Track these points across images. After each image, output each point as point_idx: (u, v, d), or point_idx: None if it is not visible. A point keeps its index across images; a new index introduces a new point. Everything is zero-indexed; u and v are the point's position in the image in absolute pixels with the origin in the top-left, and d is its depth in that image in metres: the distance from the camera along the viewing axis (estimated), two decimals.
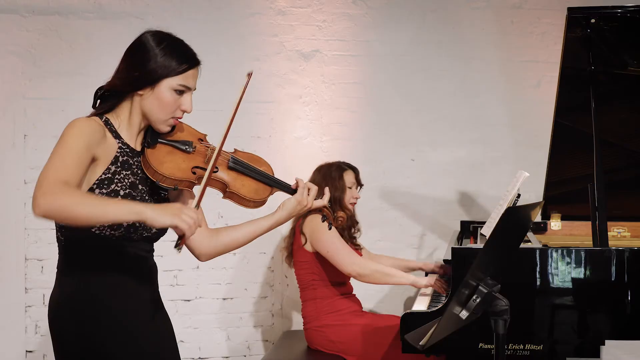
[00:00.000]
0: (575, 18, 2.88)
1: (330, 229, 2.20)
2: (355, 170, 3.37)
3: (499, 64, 4.26)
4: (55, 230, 1.91)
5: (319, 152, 4.10)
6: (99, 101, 1.96)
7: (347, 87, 4.17)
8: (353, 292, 3.36)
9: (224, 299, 4.02)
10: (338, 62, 4.16)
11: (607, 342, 2.64)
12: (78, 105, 3.83)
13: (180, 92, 1.88)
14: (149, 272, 1.99)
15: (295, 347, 3.31)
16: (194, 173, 1.91)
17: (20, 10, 3.79)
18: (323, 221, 2.17)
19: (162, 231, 1.93)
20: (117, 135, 1.88)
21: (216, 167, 1.94)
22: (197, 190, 1.88)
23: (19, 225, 3.78)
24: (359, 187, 3.38)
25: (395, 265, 3.48)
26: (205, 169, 1.90)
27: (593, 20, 2.87)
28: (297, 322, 4.05)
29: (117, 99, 1.92)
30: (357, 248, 3.37)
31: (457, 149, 4.25)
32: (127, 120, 1.91)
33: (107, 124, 1.89)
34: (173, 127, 1.95)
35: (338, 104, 4.16)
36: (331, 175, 3.26)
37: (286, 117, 4.11)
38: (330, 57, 4.15)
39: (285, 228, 3.40)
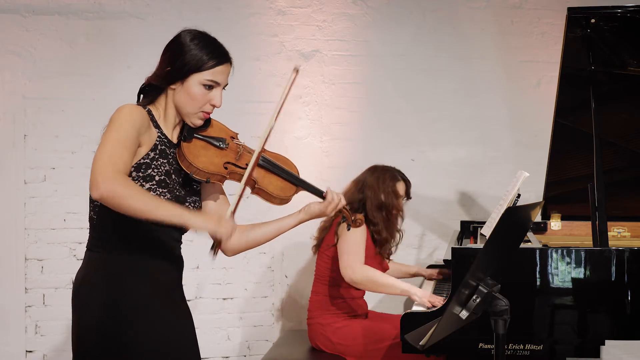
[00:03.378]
0: (575, 18, 2.88)
1: (349, 229, 2.26)
2: (407, 182, 3.35)
3: (499, 64, 4.26)
4: (88, 210, 1.99)
5: (319, 152, 4.11)
6: (142, 96, 2.07)
7: (347, 87, 4.17)
8: (363, 297, 3.32)
9: (224, 299, 4.02)
10: (338, 62, 4.16)
11: (607, 342, 2.64)
12: (78, 105, 3.87)
13: (209, 87, 1.98)
14: (176, 262, 2.08)
15: (295, 347, 3.31)
16: (226, 168, 2.03)
17: (20, 10, 3.79)
18: (342, 222, 2.26)
19: None
20: (157, 125, 1.99)
21: (246, 164, 2.05)
22: (231, 184, 2.00)
23: (19, 225, 3.78)
24: (405, 200, 3.37)
25: (394, 270, 3.48)
26: (236, 165, 2.04)
27: (593, 20, 2.87)
28: (297, 322, 4.05)
29: (156, 93, 2.03)
30: (383, 257, 3.31)
31: (457, 149, 4.25)
32: (163, 113, 2.02)
33: (150, 114, 1.99)
34: (207, 122, 2.06)
35: (338, 104, 4.16)
36: (384, 181, 3.24)
37: (286, 117, 4.10)
38: (330, 57, 4.15)
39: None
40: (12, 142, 3.78)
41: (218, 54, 2.00)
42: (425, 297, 2.92)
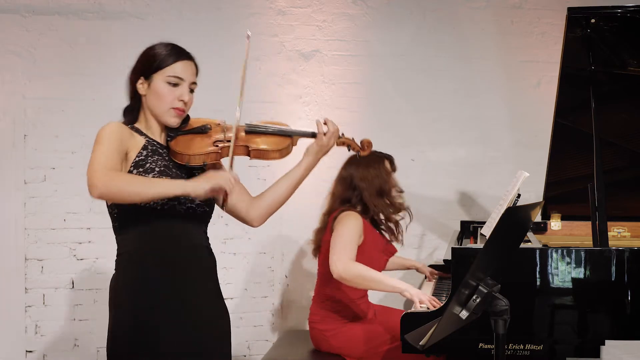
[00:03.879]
0: (575, 18, 2.88)
1: (358, 157, 2.36)
2: (390, 158, 3.27)
3: (499, 64, 4.26)
4: (111, 223, 2.10)
5: None
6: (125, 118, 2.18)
7: (347, 87, 4.17)
8: (367, 297, 3.25)
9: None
10: (338, 62, 4.16)
11: (607, 342, 2.63)
12: (78, 105, 3.87)
13: (174, 85, 2.08)
14: (205, 257, 2.15)
15: (295, 347, 3.31)
16: (217, 145, 2.12)
17: (20, 10, 3.79)
18: (349, 151, 2.33)
19: (207, 205, 2.12)
20: (142, 134, 2.11)
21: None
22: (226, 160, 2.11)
23: (19, 225, 3.78)
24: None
25: (390, 262, 3.41)
26: (226, 141, 2.12)
27: (593, 20, 2.86)
28: (297, 322, 4.05)
29: (135, 109, 2.14)
30: (389, 241, 3.24)
31: (457, 149, 4.25)
32: (145, 124, 2.14)
33: (133, 128, 2.12)
34: (186, 120, 2.15)
35: (338, 104, 4.16)
36: (373, 168, 3.15)
37: (286, 117, 4.10)
38: (330, 57, 4.15)
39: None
40: (12, 142, 3.78)
41: (177, 52, 2.10)
42: (416, 296, 2.79)
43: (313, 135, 2.27)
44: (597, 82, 2.96)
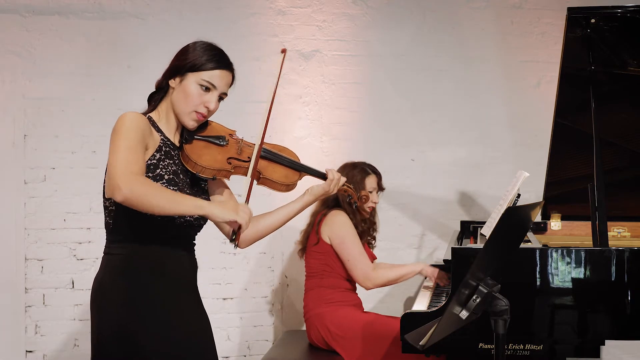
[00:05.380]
0: (575, 18, 2.87)
1: (355, 207, 2.46)
2: (378, 175, 3.42)
3: (499, 64, 4.26)
4: (104, 217, 2.06)
5: (319, 152, 4.11)
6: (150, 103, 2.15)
7: (347, 87, 4.17)
8: (356, 291, 3.41)
9: (224, 299, 4.02)
10: (338, 62, 4.16)
11: (607, 342, 2.63)
12: (78, 105, 3.87)
13: (206, 89, 2.04)
14: (192, 263, 2.14)
15: (295, 347, 3.31)
16: (230, 163, 2.11)
17: (20, 10, 3.79)
18: (348, 201, 2.40)
19: (203, 219, 2.08)
20: (158, 130, 2.06)
21: (249, 157, 2.13)
22: (243, 184, 2.09)
23: (19, 225, 3.78)
24: (379, 192, 3.45)
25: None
26: (239, 159, 2.12)
27: (593, 20, 2.86)
28: (297, 322, 4.06)
29: (159, 98, 2.11)
30: (371, 247, 3.48)
31: (457, 149, 4.25)
32: (165, 117, 2.09)
33: (150, 120, 2.06)
34: (205, 124, 2.12)
35: (338, 104, 4.16)
36: (354, 178, 3.30)
37: (286, 117, 4.10)
38: (330, 57, 4.15)
39: (302, 223, 3.44)
40: (12, 142, 3.78)
41: (219, 59, 2.07)
42: (434, 276, 3.25)
43: (323, 177, 2.28)
44: (597, 82, 2.96)
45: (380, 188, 3.43)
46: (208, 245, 2.16)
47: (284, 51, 2.23)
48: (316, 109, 4.14)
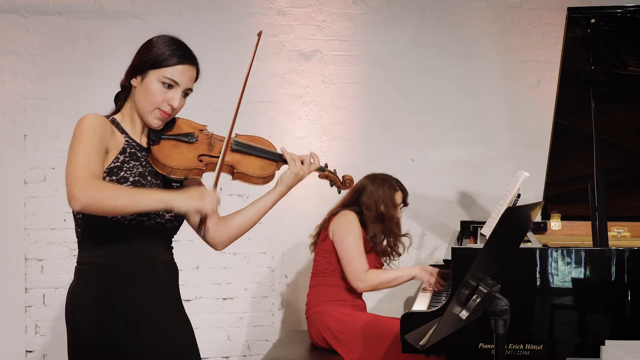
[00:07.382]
0: (575, 18, 2.87)
1: (339, 192, 2.30)
2: (405, 192, 3.42)
3: (499, 64, 4.26)
4: (74, 227, 2.00)
5: (319, 152, 4.07)
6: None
7: (347, 87, 4.17)
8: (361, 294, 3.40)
9: (224, 299, 4.02)
10: (338, 62, 4.16)
11: (607, 342, 2.63)
12: (78, 105, 3.86)
13: (168, 86, 1.96)
14: (167, 268, 2.03)
15: (295, 347, 3.31)
16: (201, 161, 2.00)
17: (20, 10, 3.79)
18: (332, 186, 2.26)
19: (177, 220, 2.01)
20: (122, 131, 1.98)
21: (220, 152, 2.01)
22: (210, 175, 1.99)
23: (19, 225, 3.78)
24: (402, 207, 3.44)
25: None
26: (210, 156, 2.01)
27: (593, 20, 2.86)
28: (297, 322, 4.06)
29: (122, 98, 2.04)
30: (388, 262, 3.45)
31: (457, 149, 4.25)
32: (129, 116, 2.02)
33: (114, 122, 2.00)
34: (172, 122, 2.03)
35: (338, 104, 4.16)
36: (385, 193, 3.31)
37: (286, 117, 4.11)
38: (330, 57, 4.15)
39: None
40: (12, 142, 3.78)
41: (181, 54, 1.97)
42: (430, 282, 3.15)
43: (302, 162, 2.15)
44: (597, 82, 2.96)
45: (405, 204, 3.43)
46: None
47: (259, 34, 2.11)
48: (316, 109, 4.14)
